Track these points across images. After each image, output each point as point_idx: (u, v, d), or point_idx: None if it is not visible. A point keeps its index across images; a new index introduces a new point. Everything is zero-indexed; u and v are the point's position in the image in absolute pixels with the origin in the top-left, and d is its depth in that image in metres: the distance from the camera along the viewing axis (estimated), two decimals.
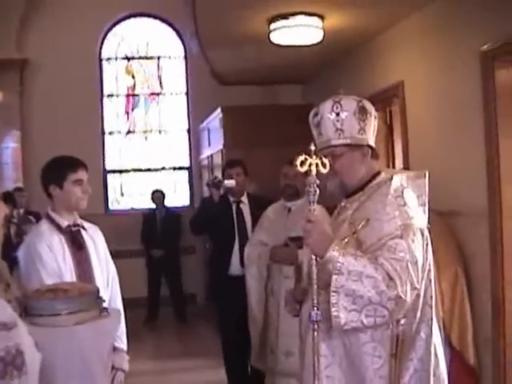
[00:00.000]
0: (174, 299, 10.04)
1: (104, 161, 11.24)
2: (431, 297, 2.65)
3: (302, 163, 2.57)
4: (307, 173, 2.58)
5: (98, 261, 3.67)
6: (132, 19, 11.34)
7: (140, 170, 11.45)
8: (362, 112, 2.73)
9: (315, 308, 2.56)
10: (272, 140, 8.16)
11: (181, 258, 10.28)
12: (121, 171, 11.42)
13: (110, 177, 11.35)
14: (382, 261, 2.45)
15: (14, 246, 4.24)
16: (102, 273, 3.68)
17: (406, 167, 6.12)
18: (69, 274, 3.44)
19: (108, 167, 11.31)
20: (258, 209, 5.69)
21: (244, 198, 6.04)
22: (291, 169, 4.82)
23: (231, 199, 6.00)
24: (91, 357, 2.62)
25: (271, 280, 5.29)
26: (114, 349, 3.29)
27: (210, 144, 9.75)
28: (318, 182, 2.57)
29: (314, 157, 2.58)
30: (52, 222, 3.56)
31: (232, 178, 5.83)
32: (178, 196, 11.50)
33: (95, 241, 3.72)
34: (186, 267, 10.45)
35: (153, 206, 10.27)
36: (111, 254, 10.52)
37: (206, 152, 10.13)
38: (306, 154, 2.58)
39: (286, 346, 4.91)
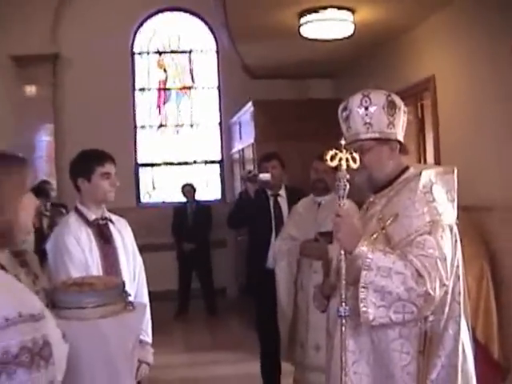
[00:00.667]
0: (205, 292, 10.07)
1: (136, 154, 11.31)
2: (459, 293, 2.62)
3: (332, 158, 2.56)
4: (337, 167, 2.57)
5: (125, 254, 3.69)
6: (164, 13, 11.39)
7: (171, 164, 11.49)
8: (391, 106, 2.71)
9: (343, 303, 2.54)
10: (303, 134, 8.14)
11: (212, 252, 10.29)
12: (152, 165, 11.47)
13: (141, 170, 11.41)
14: (411, 257, 2.43)
15: (46, 239, 4.29)
16: (128, 266, 3.69)
17: (437, 161, 6.07)
18: (95, 267, 3.47)
19: (140, 161, 11.37)
20: (295, 202, 5.61)
21: (282, 192, 5.99)
22: (321, 164, 4.77)
23: (269, 193, 5.96)
24: (116, 350, 2.63)
25: (301, 274, 5.27)
26: (139, 342, 3.30)
27: (241, 138, 9.77)
28: (347, 176, 2.56)
29: (344, 151, 2.57)
30: (80, 214, 3.60)
31: (267, 172, 5.81)
32: (210, 190, 11.52)
33: (123, 234, 3.73)
34: (217, 261, 10.46)
35: (183, 199, 10.28)
36: (142, 247, 10.58)
37: (237, 146, 10.15)
38: (336, 148, 2.57)
39: (316, 340, 4.89)
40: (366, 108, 2.70)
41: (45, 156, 10.53)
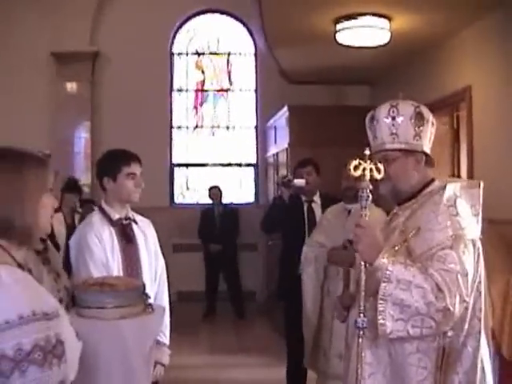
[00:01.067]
0: (232, 295, 10.08)
1: (171, 155, 11.36)
2: (480, 309, 2.58)
3: (356, 168, 2.55)
4: (360, 177, 2.55)
5: (147, 255, 3.69)
6: (204, 15, 11.42)
7: (206, 165, 11.51)
8: (419, 118, 2.68)
9: (361, 315, 2.53)
10: (337, 140, 8.10)
11: (241, 255, 10.31)
12: (187, 165, 11.52)
13: (176, 171, 11.46)
14: (431, 271, 2.41)
15: None
16: (150, 267, 3.70)
17: (470, 172, 6.00)
18: (116, 267, 3.48)
19: (175, 161, 11.42)
20: None
21: (316, 198, 5.98)
22: None
23: (303, 198, 5.96)
24: (133, 351, 2.65)
25: (327, 281, 5.25)
26: (156, 343, 3.31)
27: (276, 142, 9.77)
28: (370, 186, 2.55)
29: (368, 161, 2.56)
30: (104, 213, 3.62)
31: (302, 178, 5.80)
32: (244, 193, 11.53)
33: (146, 235, 3.75)
34: (247, 264, 10.48)
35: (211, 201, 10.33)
36: (174, 247, 10.67)
37: (272, 150, 10.15)
38: (360, 158, 2.55)
39: (339, 349, 4.83)
40: (394, 118, 2.68)
41: (82, 152, 10.64)
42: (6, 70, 10.42)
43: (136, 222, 3.72)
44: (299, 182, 5.74)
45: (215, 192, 10.24)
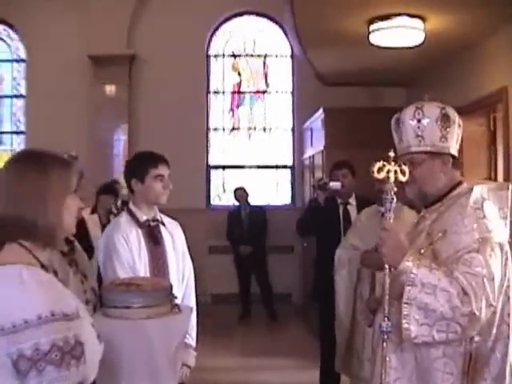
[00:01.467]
0: (264, 297, 10.06)
1: (208, 156, 11.40)
2: (509, 314, 2.53)
3: (380, 170, 2.52)
4: (384, 180, 2.53)
5: (175, 257, 3.71)
6: (240, 17, 11.46)
7: (242, 167, 11.53)
8: (445, 119, 2.64)
9: (386, 318, 2.50)
10: (373, 142, 7.97)
11: (277, 257, 10.30)
12: (224, 167, 11.54)
13: (212, 173, 11.49)
14: (457, 275, 2.37)
15: None
16: (177, 269, 3.71)
17: (507, 174, 5.90)
18: (143, 268, 3.50)
19: (211, 163, 11.46)
20: None
21: (352, 200, 5.98)
22: None
23: (339, 201, 5.96)
24: (158, 351, 2.66)
25: (360, 284, 5.20)
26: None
27: (312, 144, 9.73)
28: (395, 189, 2.52)
29: (393, 163, 2.53)
30: (131, 215, 3.64)
31: (338, 180, 5.78)
32: (280, 195, 11.51)
33: (174, 237, 3.76)
34: (283, 266, 10.47)
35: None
36: (210, 249, 10.69)
37: (308, 152, 10.12)
38: (384, 160, 2.53)
39: None
40: (419, 120, 2.65)
41: (121, 155, 10.74)
42: (45, 74, 10.59)
43: (164, 224, 3.73)
44: (335, 184, 5.73)
45: (241, 193, 10.24)
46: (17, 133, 11.39)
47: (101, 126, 10.61)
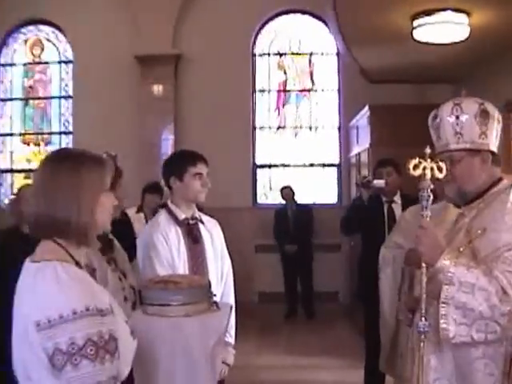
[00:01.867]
0: (303, 295, 10.05)
1: (254, 155, 11.40)
2: None
3: (416, 167, 2.49)
4: (421, 177, 2.49)
5: (214, 255, 3.72)
6: (285, 15, 11.41)
7: (289, 166, 11.50)
8: (484, 116, 2.59)
9: (423, 318, 2.47)
10: (419, 140, 7.83)
11: (323, 255, 10.23)
12: (270, 166, 11.54)
13: (259, 171, 11.49)
14: (496, 273, 2.33)
15: None
16: (216, 267, 3.72)
17: None
18: (182, 266, 3.51)
19: (257, 162, 11.45)
20: None
21: (397, 198, 5.90)
22: None
23: (383, 199, 5.89)
24: (196, 349, 2.67)
25: (405, 282, 5.14)
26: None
27: (358, 142, 9.69)
28: (431, 186, 2.48)
29: (429, 160, 2.49)
30: (170, 213, 3.66)
31: (382, 178, 5.72)
32: (326, 193, 11.45)
33: (213, 235, 3.77)
34: (330, 265, 10.39)
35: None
36: (257, 247, 10.69)
37: (354, 150, 10.07)
38: (420, 157, 2.49)
39: None
40: (457, 117, 2.61)
41: (168, 154, 10.77)
42: (92, 75, 10.73)
43: (202, 222, 3.75)
44: (379, 182, 5.67)
45: (287, 192, 10.20)
46: (65, 133, 11.59)
47: (147, 125, 10.68)
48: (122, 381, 2.01)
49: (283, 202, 10.43)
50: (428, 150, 2.51)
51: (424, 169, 2.48)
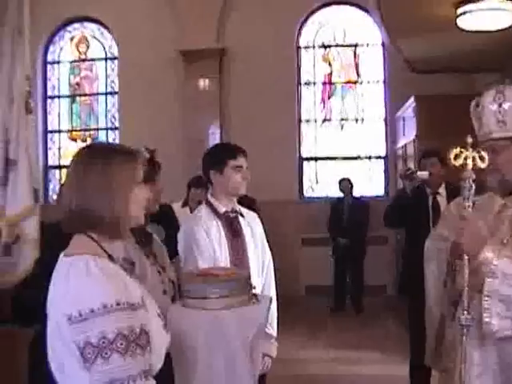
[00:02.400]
0: (353, 289, 9.97)
1: (300, 148, 11.36)
2: None
3: (457, 156, 2.43)
4: (462, 167, 2.43)
5: (254, 248, 3.70)
6: (329, 7, 11.34)
7: (335, 159, 11.43)
8: None
9: (465, 312, 2.41)
10: (466, 130, 7.77)
11: (371, 248, 10.12)
12: (316, 159, 11.48)
13: (305, 164, 11.45)
14: None
15: None
16: (257, 260, 3.71)
17: None
18: (223, 259, 3.51)
19: (304, 155, 11.41)
20: None
21: (442, 190, 5.80)
22: None
23: (428, 191, 5.80)
24: (234, 341, 2.65)
25: (449, 275, 5.06)
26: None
27: (404, 133, 9.58)
28: (473, 176, 2.42)
29: (471, 150, 2.43)
30: (211, 207, 3.65)
31: (426, 169, 5.64)
32: (373, 185, 11.35)
33: (253, 228, 3.75)
34: (378, 258, 10.30)
35: (341, 194, 10.18)
36: (303, 241, 10.66)
37: (401, 141, 9.97)
38: (461, 146, 2.44)
39: None
40: (500, 105, 2.54)
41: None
42: (137, 70, 10.82)
43: (242, 215, 3.73)
44: (422, 174, 5.58)
45: (345, 184, 10.07)
46: (112, 129, 11.74)
47: (193, 120, 10.72)
48: (155, 375, 2.00)
49: (330, 195, 10.36)
50: (470, 139, 2.44)
51: (466, 158, 2.42)
